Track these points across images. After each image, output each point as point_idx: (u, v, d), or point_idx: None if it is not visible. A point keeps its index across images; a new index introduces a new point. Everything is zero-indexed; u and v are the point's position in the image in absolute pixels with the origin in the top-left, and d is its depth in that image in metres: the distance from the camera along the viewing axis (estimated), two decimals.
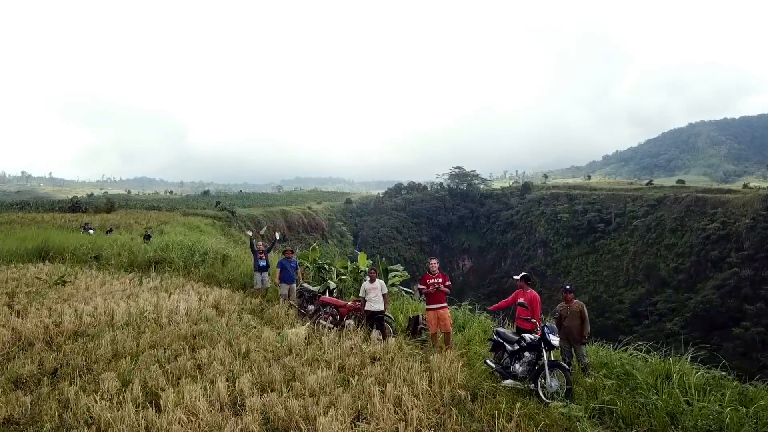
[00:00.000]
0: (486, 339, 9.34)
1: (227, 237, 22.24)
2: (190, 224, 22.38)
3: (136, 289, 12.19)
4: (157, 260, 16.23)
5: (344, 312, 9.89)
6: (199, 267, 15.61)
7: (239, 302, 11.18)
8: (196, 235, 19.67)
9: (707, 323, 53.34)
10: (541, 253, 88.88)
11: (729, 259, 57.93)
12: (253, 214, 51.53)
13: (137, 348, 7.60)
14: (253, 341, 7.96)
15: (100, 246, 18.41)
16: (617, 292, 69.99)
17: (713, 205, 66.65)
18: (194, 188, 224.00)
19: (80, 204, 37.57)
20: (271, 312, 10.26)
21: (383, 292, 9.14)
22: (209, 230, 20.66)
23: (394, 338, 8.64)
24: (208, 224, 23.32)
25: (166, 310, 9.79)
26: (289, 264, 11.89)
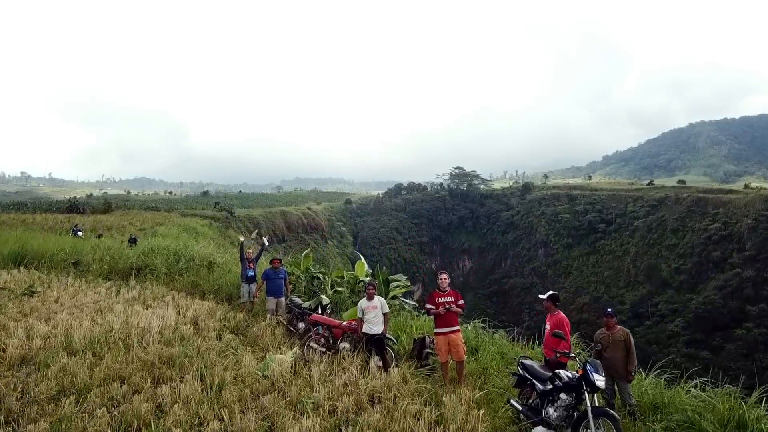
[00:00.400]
0: (505, 366, 8.22)
1: (224, 238, 21.63)
2: (185, 226, 21.76)
3: (111, 301, 11.29)
4: (140, 266, 15.34)
5: (338, 333, 8.69)
6: (184, 274, 14.70)
7: (221, 318, 10.18)
8: (184, 239, 18.70)
9: (709, 324, 53.02)
10: (541, 253, 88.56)
11: (731, 259, 57.62)
12: (253, 215, 51.27)
13: (90, 380, 6.45)
14: (230, 370, 6.85)
15: (80, 251, 17.40)
16: (618, 293, 69.69)
17: (714, 205, 66.33)
18: (194, 189, 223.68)
19: (78, 205, 37.13)
20: (256, 330, 9.25)
21: (383, 311, 7.95)
22: (205, 232, 20.05)
23: (398, 367, 7.52)
24: (204, 225, 22.68)
25: (137, 329, 8.77)
26: (276, 275, 10.74)
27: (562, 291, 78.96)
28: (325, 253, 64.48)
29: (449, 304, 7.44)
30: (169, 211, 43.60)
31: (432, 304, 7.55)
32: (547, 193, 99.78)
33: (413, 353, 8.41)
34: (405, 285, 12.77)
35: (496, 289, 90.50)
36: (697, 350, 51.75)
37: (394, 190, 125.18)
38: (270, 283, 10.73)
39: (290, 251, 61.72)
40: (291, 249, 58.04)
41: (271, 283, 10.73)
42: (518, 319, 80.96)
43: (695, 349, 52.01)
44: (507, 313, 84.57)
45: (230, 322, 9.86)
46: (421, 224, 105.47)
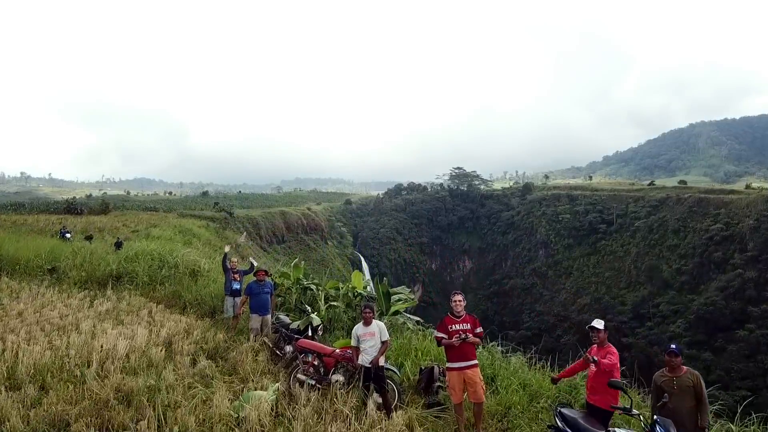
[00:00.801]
0: (529, 400, 6.95)
1: (222, 240, 21.08)
2: (181, 227, 20.66)
3: (80, 315, 10.08)
4: (120, 274, 14.19)
5: (330, 363, 7.26)
6: (165, 283, 13.59)
7: (199, 338, 8.98)
8: (170, 244, 17.17)
9: (711, 325, 52.78)
10: (542, 254, 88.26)
11: (732, 260, 57.33)
12: (252, 215, 51.00)
13: (25, 426, 5.16)
14: (197, 412, 5.53)
15: (59, 256, 16.00)
16: (619, 294, 69.42)
17: (716, 205, 66.05)
18: (194, 189, 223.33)
19: (75, 206, 36.72)
20: (237, 354, 7.96)
21: (383, 338, 6.62)
22: (202, 233, 19.43)
23: (401, 408, 6.27)
24: (201, 227, 21.98)
25: (99, 353, 7.43)
26: (261, 288, 9.40)
27: (563, 291, 78.79)
28: (324, 254, 64.17)
29: (465, 333, 6.06)
30: (167, 212, 43.28)
31: (443, 333, 6.21)
32: (547, 193, 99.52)
33: (419, 386, 7.20)
34: (408, 298, 11.27)
35: (496, 290, 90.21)
36: (698, 351, 51.47)
37: (394, 191, 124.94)
38: (254, 299, 9.46)
39: (289, 251, 61.55)
40: (290, 250, 57.75)
41: (255, 298, 9.45)
42: (518, 320, 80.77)
43: (697, 351, 51.71)
44: (507, 314, 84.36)
45: (208, 343, 8.69)
46: (421, 224, 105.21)
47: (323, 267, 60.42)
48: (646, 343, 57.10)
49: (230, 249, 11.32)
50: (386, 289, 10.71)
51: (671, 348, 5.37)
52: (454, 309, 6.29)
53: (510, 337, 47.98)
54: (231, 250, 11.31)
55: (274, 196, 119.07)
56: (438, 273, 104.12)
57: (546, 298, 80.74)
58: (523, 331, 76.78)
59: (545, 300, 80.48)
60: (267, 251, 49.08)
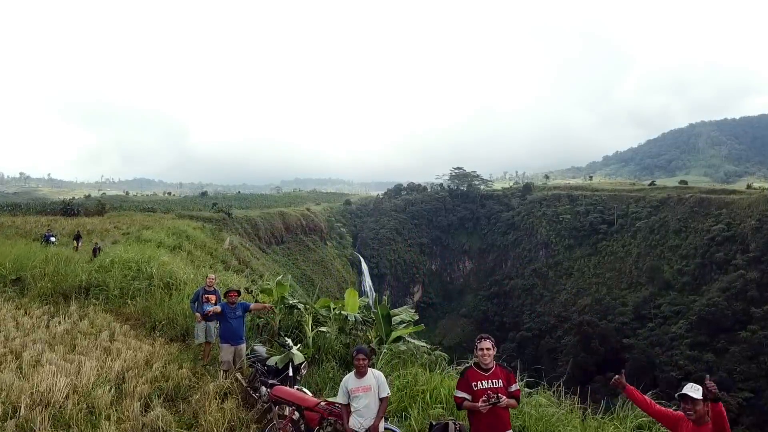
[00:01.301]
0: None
1: (217, 242, 20.50)
2: (175, 229, 19.14)
3: (30, 338, 8.71)
4: (91, 285, 12.62)
5: (314, 418, 5.50)
6: (138, 297, 11.93)
7: (159, 372, 7.46)
8: (151, 250, 15.70)
9: (713, 326, 52.38)
10: (542, 254, 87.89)
11: (734, 261, 56.98)
12: (251, 216, 50.61)
13: None
14: None
15: (25, 264, 14.23)
16: (620, 295, 69.03)
17: (717, 206, 65.72)
18: (193, 189, 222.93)
19: (72, 206, 36.26)
20: (201, 397, 6.47)
21: (382, 394, 5.09)
22: (197, 235, 18.50)
23: None
24: (197, 228, 21.17)
25: (30, 395, 6.01)
26: (233, 312, 7.75)
27: (564, 292, 78.42)
28: (324, 255, 63.77)
29: (496, 394, 4.39)
30: (165, 213, 42.87)
31: (466, 391, 4.53)
32: (548, 193, 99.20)
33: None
34: (412, 318, 9.27)
35: (496, 291, 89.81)
36: (701, 353, 51.14)
37: (393, 191, 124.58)
38: (225, 325, 7.73)
39: (288, 252, 61.19)
40: (289, 250, 57.40)
41: (225, 324, 7.72)
42: (519, 320, 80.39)
43: (699, 352, 51.40)
44: (508, 315, 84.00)
45: (169, 380, 7.16)
46: (421, 225, 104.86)
47: (322, 268, 60.05)
48: (647, 344, 56.73)
49: (214, 274, 9.77)
50: (386, 310, 8.74)
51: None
52: (481, 360, 4.59)
53: (511, 338, 47.42)
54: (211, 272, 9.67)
55: (274, 197, 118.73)
56: (438, 273, 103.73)
57: (546, 298, 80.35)
58: (523, 332, 76.46)
59: (546, 301, 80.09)
60: (266, 252, 48.68)
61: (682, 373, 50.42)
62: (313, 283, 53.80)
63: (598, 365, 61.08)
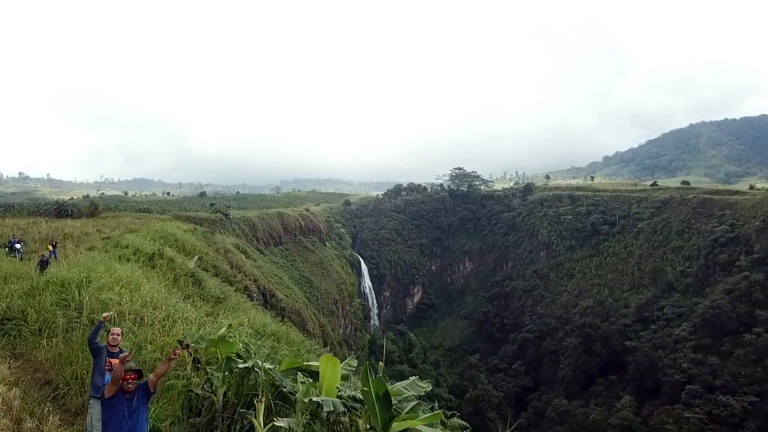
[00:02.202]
0: None
1: (209, 245, 19.52)
2: (163, 232, 17.80)
3: None
4: (11, 316, 9.36)
5: None
6: (59, 337, 8.57)
7: None
8: (105, 265, 12.08)
9: (717, 329, 51.67)
10: (543, 255, 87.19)
11: (738, 262, 56.31)
12: (248, 216, 49.92)
13: None
14: None
15: None
16: (622, 296, 68.33)
17: (721, 206, 65.04)
18: (192, 189, 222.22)
19: (66, 207, 35.39)
20: None
21: None
22: (186, 238, 17.49)
23: None
24: (187, 231, 20.12)
25: None
26: (127, 405, 4.78)
27: (565, 294, 77.72)
28: (323, 256, 63.07)
29: None
30: (161, 213, 42.11)
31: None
32: (548, 194, 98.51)
33: None
34: (424, 388, 6.10)
35: (497, 292, 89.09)
36: (705, 356, 50.45)
37: (393, 191, 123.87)
38: (110, 428, 4.70)
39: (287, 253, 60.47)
40: (288, 252, 56.70)
41: (112, 425, 4.70)
42: (519, 322, 79.66)
43: (703, 355, 50.71)
44: (508, 317, 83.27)
45: None
46: (421, 226, 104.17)
47: (321, 269, 59.33)
48: (650, 347, 55.99)
49: (108, 315, 6.52)
50: (383, 388, 5.04)
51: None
52: None
53: (511, 340, 46.42)
54: (107, 319, 6.45)
55: (273, 197, 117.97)
56: (438, 274, 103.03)
57: (547, 300, 79.64)
58: (524, 334, 75.77)
59: (547, 302, 79.37)
60: (264, 253, 47.97)
61: (686, 377, 49.79)
62: (312, 284, 53.12)
63: (600, 368, 60.45)
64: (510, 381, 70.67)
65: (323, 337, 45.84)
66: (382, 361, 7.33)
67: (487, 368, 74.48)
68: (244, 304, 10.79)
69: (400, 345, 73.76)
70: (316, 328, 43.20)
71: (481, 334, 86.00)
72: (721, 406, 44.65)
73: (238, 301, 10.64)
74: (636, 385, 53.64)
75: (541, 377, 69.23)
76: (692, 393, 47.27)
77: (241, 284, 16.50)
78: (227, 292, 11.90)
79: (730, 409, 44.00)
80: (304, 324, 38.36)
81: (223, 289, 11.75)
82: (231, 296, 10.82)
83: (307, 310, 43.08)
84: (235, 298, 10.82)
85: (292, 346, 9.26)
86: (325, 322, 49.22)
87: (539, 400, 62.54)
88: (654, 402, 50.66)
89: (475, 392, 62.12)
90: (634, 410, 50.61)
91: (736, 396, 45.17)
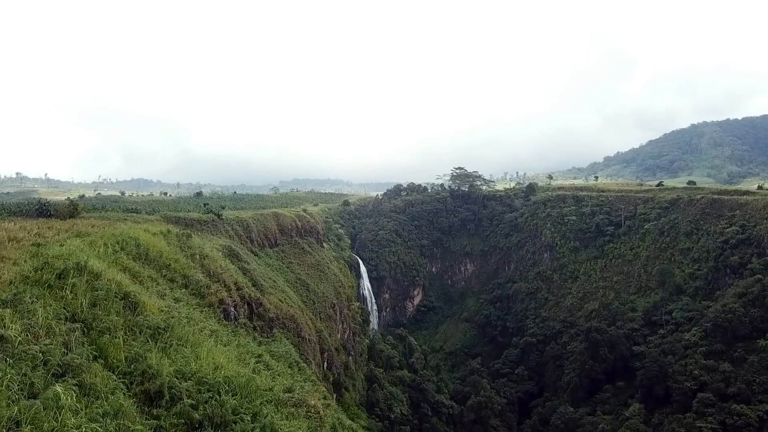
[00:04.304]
0: None
1: (181, 251, 16.79)
2: (123, 235, 14.50)
3: None
4: None
5: None
6: None
7: None
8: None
9: (729, 334, 49.63)
10: (547, 257, 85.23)
11: (750, 265, 54.31)
12: (242, 217, 48.01)
13: None
14: None
15: None
16: (629, 299, 66.37)
17: (730, 207, 63.09)
18: (191, 190, 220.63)
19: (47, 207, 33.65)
20: None
21: None
22: (154, 244, 14.59)
23: None
24: (158, 234, 16.87)
25: None
26: None
27: (569, 296, 75.77)
28: (320, 258, 61.10)
29: None
30: (150, 213, 40.30)
31: None
32: (552, 194, 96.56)
33: None
34: None
35: (499, 294, 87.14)
36: (717, 362, 48.42)
37: (393, 191, 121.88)
38: None
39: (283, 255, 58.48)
40: (284, 253, 54.76)
41: None
42: (523, 325, 77.71)
43: (715, 361, 48.67)
44: (511, 320, 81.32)
45: None
46: (422, 226, 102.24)
47: (318, 272, 57.39)
48: (659, 352, 54.01)
49: None
50: None
51: None
52: None
53: (514, 344, 43.80)
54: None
55: (270, 197, 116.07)
56: (439, 276, 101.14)
57: (551, 303, 77.71)
58: (527, 338, 73.81)
59: (550, 305, 77.44)
60: (258, 255, 46.04)
61: (697, 384, 47.79)
62: (309, 287, 51.14)
63: (607, 374, 58.48)
64: (513, 386, 68.71)
65: (320, 343, 43.89)
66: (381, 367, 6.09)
67: (489, 373, 72.54)
68: (198, 334, 8.13)
69: (400, 349, 71.77)
70: (312, 333, 41.28)
71: (483, 337, 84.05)
72: (735, 416, 42.71)
73: (187, 332, 7.85)
74: (645, 392, 51.64)
75: (545, 382, 67.27)
76: (704, 401, 45.29)
77: (215, 297, 14.30)
78: (178, 316, 8.90)
79: (744, 419, 42.08)
80: (299, 330, 36.42)
81: (171, 314, 8.66)
82: (179, 323, 8.13)
83: (303, 315, 41.13)
84: (184, 328, 7.92)
85: (253, 397, 6.99)
86: (322, 327, 47.26)
87: (543, 407, 60.59)
88: (664, 410, 48.69)
89: (477, 399, 60.16)
90: (643, 419, 48.65)
91: (751, 405, 43.22)
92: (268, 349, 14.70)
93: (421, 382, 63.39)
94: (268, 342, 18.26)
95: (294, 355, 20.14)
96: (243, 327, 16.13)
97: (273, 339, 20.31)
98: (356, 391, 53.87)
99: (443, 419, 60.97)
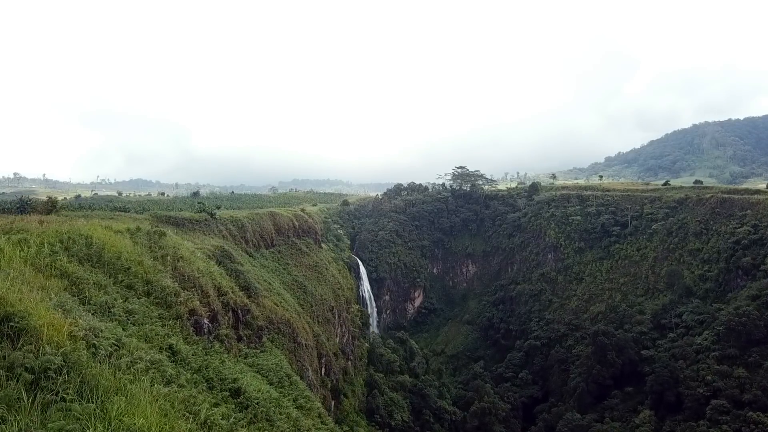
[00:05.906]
0: None
1: (149, 253, 14.24)
2: (72, 233, 12.29)
3: None
4: None
5: None
6: None
7: None
8: None
9: (744, 338, 47.78)
10: (551, 258, 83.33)
11: (763, 266, 52.56)
12: (237, 217, 46.15)
13: None
14: None
15: None
16: (637, 302, 64.47)
17: (741, 206, 61.29)
18: (189, 190, 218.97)
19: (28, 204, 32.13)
20: None
21: None
22: (113, 243, 12.54)
23: None
24: (123, 232, 14.54)
25: None
26: None
27: (574, 298, 73.90)
28: (319, 259, 59.19)
29: None
30: (140, 212, 38.49)
31: None
32: (555, 194, 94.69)
33: None
34: None
35: (501, 296, 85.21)
36: (731, 367, 46.53)
37: (393, 191, 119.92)
38: None
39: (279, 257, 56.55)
40: (280, 255, 52.87)
41: None
42: (526, 328, 75.82)
43: (729, 366, 46.77)
44: (514, 322, 79.38)
45: None
46: (422, 227, 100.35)
47: (316, 273, 55.49)
48: (669, 356, 52.08)
49: None
50: None
51: None
52: None
53: (518, 347, 41.22)
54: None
55: (268, 197, 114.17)
56: (440, 277, 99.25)
57: (556, 305, 75.80)
58: (531, 341, 71.89)
59: (555, 307, 75.53)
60: (253, 257, 44.14)
61: (710, 390, 45.86)
62: (306, 290, 49.21)
63: (615, 379, 56.55)
64: (517, 391, 66.77)
65: (317, 347, 41.98)
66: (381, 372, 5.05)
67: (492, 377, 70.66)
68: (126, 371, 5.36)
69: (401, 353, 69.84)
70: (309, 338, 39.39)
71: (486, 340, 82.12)
72: (751, 424, 40.80)
73: (101, 371, 3.92)
74: (655, 398, 49.72)
75: (550, 387, 65.35)
76: (718, 408, 43.36)
77: (183, 306, 12.29)
78: (104, 343, 6.35)
79: (762, 427, 40.16)
80: (295, 335, 34.54)
81: (89, 341, 6.03)
82: (94, 356, 5.23)
83: (300, 318, 39.24)
84: (99, 365, 5.06)
85: None
86: (319, 331, 45.34)
87: (549, 413, 58.66)
88: (676, 417, 46.75)
89: (480, 405, 58.20)
90: (654, 426, 46.76)
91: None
92: (255, 363, 12.92)
93: (423, 388, 61.47)
94: (256, 354, 16.37)
95: (285, 367, 18.23)
96: (223, 340, 14.10)
97: (262, 350, 18.36)
98: (355, 397, 51.93)
99: (445, 426, 59.05)
